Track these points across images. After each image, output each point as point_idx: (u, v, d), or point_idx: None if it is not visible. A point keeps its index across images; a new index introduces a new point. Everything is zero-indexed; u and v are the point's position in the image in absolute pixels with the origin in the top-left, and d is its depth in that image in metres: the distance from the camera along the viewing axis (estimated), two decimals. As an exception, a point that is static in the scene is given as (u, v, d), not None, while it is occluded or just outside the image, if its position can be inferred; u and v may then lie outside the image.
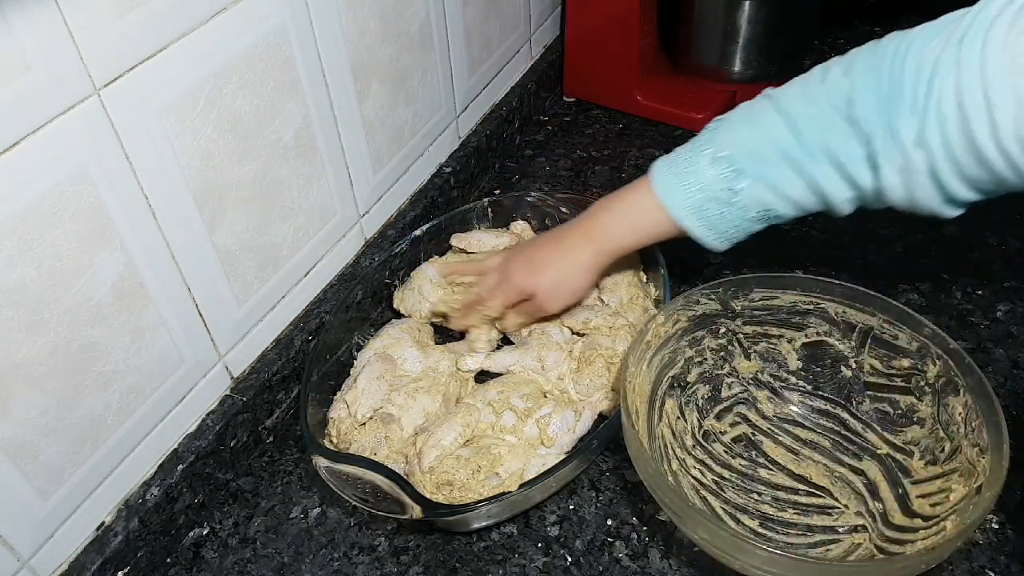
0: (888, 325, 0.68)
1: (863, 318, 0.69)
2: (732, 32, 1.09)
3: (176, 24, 0.57)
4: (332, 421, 0.72)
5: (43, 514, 0.58)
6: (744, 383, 0.74)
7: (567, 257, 0.73)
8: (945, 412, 0.64)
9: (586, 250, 0.72)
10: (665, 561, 0.65)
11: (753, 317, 0.72)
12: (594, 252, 0.72)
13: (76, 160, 0.53)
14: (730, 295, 0.71)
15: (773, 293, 0.71)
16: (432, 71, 0.91)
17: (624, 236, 0.71)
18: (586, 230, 0.72)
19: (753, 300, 0.71)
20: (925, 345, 0.65)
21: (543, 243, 0.76)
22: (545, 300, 0.75)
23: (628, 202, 0.70)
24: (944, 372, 0.64)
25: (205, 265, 0.66)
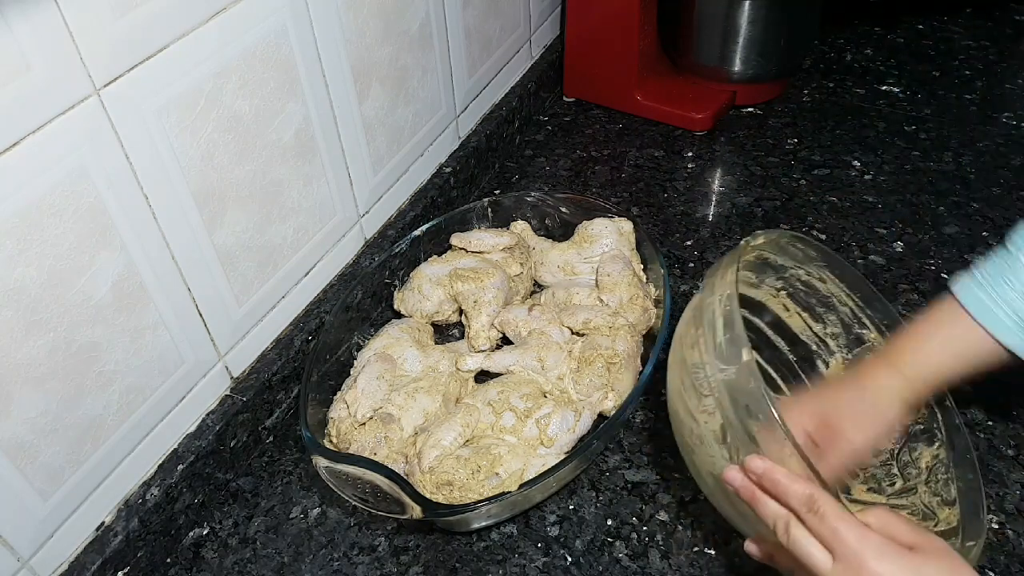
0: None
1: (874, 337, 0.68)
2: (732, 32, 1.09)
3: (176, 24, 0.57)
4: (332, 421, 0.72)
5: (43, 514, 0.58)
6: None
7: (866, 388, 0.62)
8: (908, 455, 0.65)
9: (892, 380, 0.61)
10: (665, 561, 0.65)
11: (793, 286, 0.71)
12: (902, 386, 0.61)
13: (76, 160, 0.53)
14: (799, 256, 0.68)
15: (825, 276, 0.69)
16: (432, 71, 0.91)
17: (941, 369, 0.60)
18: (887, 363, 0.62)
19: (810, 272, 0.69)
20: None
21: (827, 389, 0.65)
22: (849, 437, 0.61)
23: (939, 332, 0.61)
24: (926, 421, 0.64)
25: (205, 265, 0.66)
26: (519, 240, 0.88)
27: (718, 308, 0.54)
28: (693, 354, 0.56)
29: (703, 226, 0.97)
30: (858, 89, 1.19)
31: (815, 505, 0.47)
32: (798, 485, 0.48)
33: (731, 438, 0.52)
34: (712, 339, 0.54)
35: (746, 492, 0.51)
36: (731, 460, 0.53)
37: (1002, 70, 1.22)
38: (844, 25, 1.32)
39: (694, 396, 0.55)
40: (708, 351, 0.54)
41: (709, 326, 0.54)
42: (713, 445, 0.54)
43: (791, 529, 0.48)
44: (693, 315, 0.58)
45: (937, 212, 0.96)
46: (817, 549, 0.47)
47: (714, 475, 0.55)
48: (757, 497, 0.51)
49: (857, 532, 0.46)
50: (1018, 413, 0.73)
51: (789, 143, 1.09)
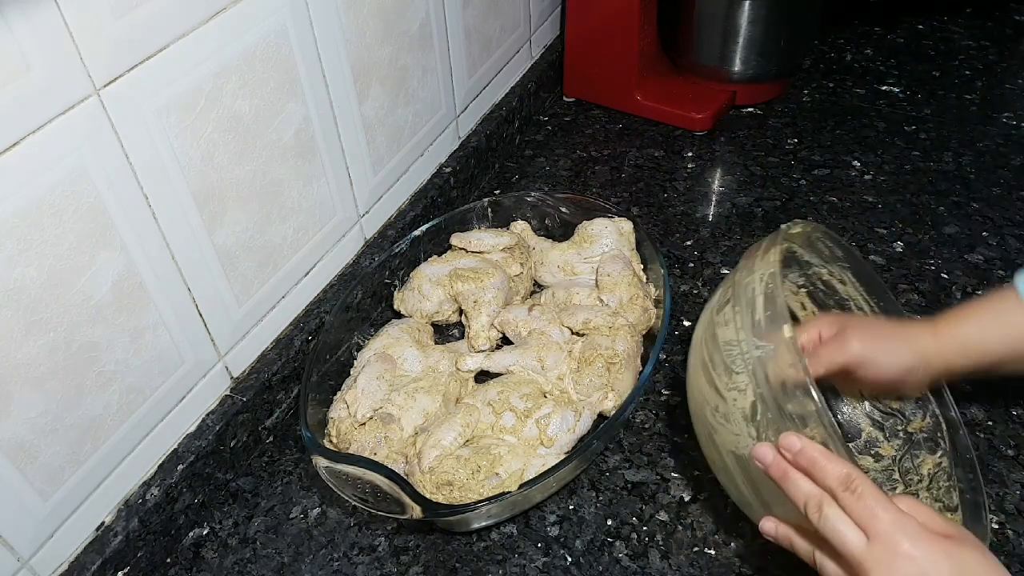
0: None
1: None
2: (732, 32, 1.09)
3: (176, 24, 0.57)
4: (332, 421, 0.72)
5: (43, 514, 0.58)
6: None
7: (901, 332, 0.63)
8: (910, 461, 0.65)
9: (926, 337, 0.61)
10: (665, 561, 0.65)
11: (814, 284, 0.71)
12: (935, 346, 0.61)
13: (76, 160, 0.53)
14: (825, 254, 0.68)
15: (846, 278, 0.69)
16: (432, 71, 0.91)
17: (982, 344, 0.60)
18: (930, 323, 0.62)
19: (832, 272, 0.69)
20: (926, 398, 0.65)
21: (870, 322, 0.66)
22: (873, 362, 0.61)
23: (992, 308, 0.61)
24: (931, 430, 0.65)
25: (205, 265, 0.66)
26: (519, 240, 0.88)
27: (758, 286, 0.54)
28: (727, 332, 0.56)
29: (703, 226, 0.97)
30: (858, 89, 1.19)
31: (853, 484, 0.47)
32: (836, 464, 0.48)
33: (761, 415, 0.52)
34: (750, 316, 0.54)
35: (777, 470, 0.50)
36: (757, 438, 0.52)
37: (1002, 70, 1.22)
38: (844, 25, 1.32)
39: (724, 374, 0.55)
40: (744, 328, 0.54)
41: (747, 304, 0.55)
42: (740, 423, 0.53)
43: (824, 508, 0.47)
44: (727, 294, 0.58)
45: (937, 212, 0.96)
46: (850, 529, 0.46)
47: (736, 454, 0.54)
48: (789, 475, 0.50)
49: (894, 514, 0.46)
50: (1018, 413, 0.73)
51: (789, 143, 1.09)
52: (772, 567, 0.64)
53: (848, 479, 0.47)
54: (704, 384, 0.57)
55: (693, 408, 0.61)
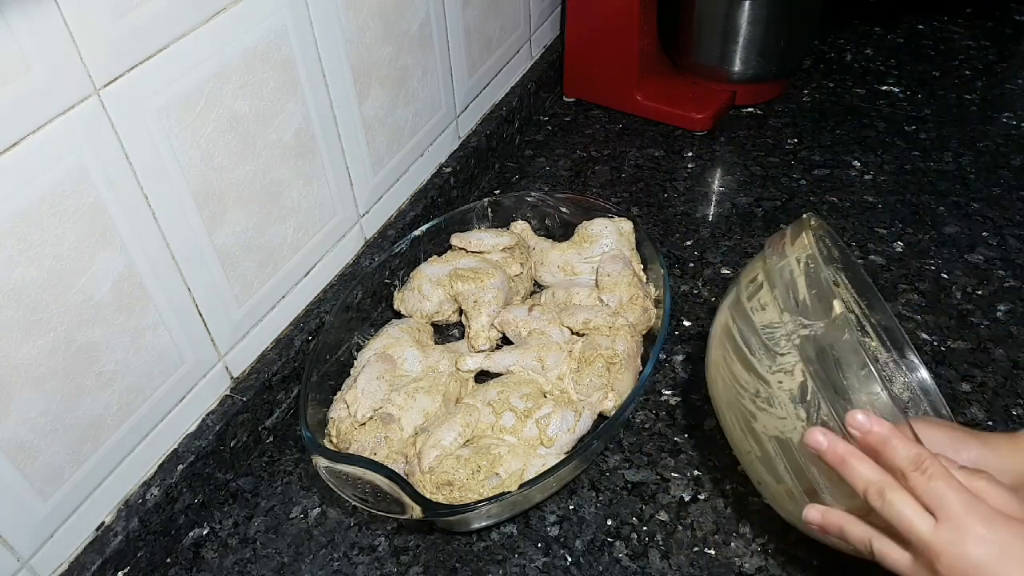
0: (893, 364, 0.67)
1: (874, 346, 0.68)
2: (732, 32, 1.09)
3: (176, 24, 0.57)
4: (332, 421, 0.72)
5: (43, 514, 0.58)
6: None
7: None
8: None
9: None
10: (665, 561, 0.65)
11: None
12: None
13: (76, 160, 0.53)
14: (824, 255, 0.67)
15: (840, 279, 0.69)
16: (432, 71, 0.91)
17: None
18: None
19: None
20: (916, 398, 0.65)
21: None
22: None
23: None
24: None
25: (205, 265, 0.66)
26: (519, 240, 0.88)
27: (796, 268, 0.55)
28: (764, 315, 0.56)
29: (703, 226, 0.97)
30: (858, 89, 1.19)
31: (924, 465, 0.45)
32: (907, 443, 0.45)
33: (812, 395, 0.51)
34: (792, 297, 0.54)
35: (834, 456, 0.48)
36: (808, 420, 0.51)
37: (1002, 70, 1.22)
38: (844, 25, 1.32)
39: (766, 357, 0.55)
40: (788, 309, 0.54)
41: (787, 286, 0.55)
42: (787, 405, 0.53)
43: (887, 494, 0.45)
44: (758, 280, 0.58)
45: (937, 212, 0.96)
46: (918, 513, 0.44)
47: (780, 439, 0.54)
48: (847, 460, 0.47)
49: (966, 496, 0.44)
50: (1018, 413, 0.73)
51: (789, 143, 1.09)
52: (772, 567, 0.64)
53: (919, 459, 0.45)
54: (739, 371, 0.57)
55: (723, 400, 0.60)
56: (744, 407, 0.57)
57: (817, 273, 0.54)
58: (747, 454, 0.59)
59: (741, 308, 0.59)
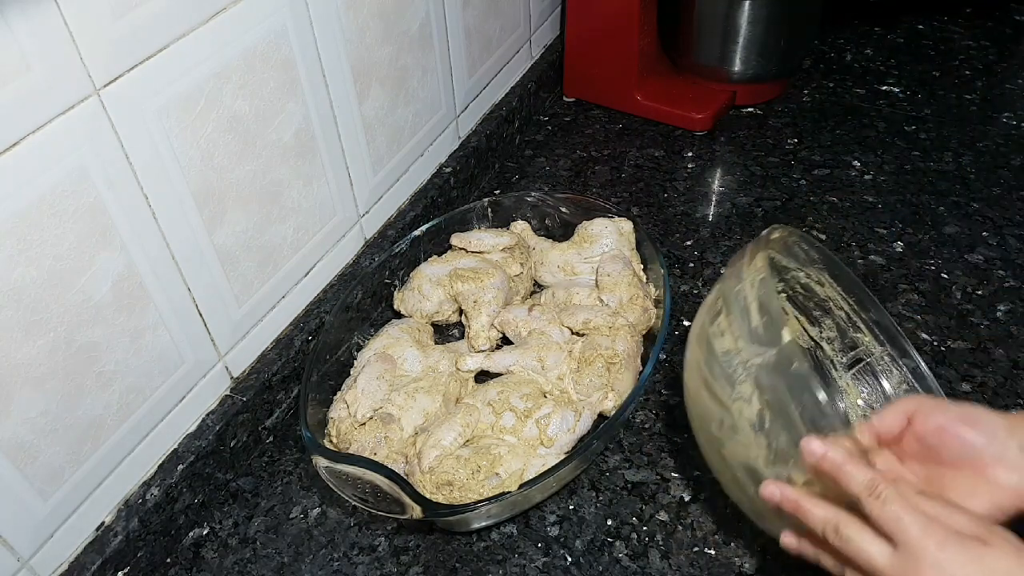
0: (888, 359, 0.67)
1: (868, 341, 0.68)
2: (732, 32, 1.09)
3: (176, 24, 0.57)
4: (332, 421, 0.72)
5: (43, 514, 0.58)
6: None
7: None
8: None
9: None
10: (665, 561, 0.65)
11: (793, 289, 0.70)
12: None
13: (76, 160, 0.53)
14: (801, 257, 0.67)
15: (823, 279, 0.69)
16: (432, 71, 0.91)
17: None
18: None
19: (809, 275, 0.69)
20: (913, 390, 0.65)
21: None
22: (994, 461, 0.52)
23: None
24: None
25: (205, 265, 0.66)
26: (519, 240, 0.88)
27: (750, 293, 0.54)
28: (723, 342, 0.55)
29: (703, 226, 0.97)
30: (858, 89, 1.19)
31: (877, 490, 0.45)
32: (860, 469, 0.46)
33: (770, 423, 0.51)
34: (746, 324, 0.53)
35: (789, 504, 0.49)
36: (767, 447, 0.51)
37: (1002, 70, 1.22)
38: (844, 25, 1.32)
39: (726, 385, 0.54)
40: (742, 336, 0.53)
41: (741, 312, 0.54)
42: (748, 434, 0.53)
43: (842, 530, 0.46)
44: (717, 305, 0.57)
45: (937, 212, 0.96)
46: (872, 543, 0.45)
47: (747, 467, 0.54)
48: (801, 508, 0.48)
49: (921, 520, 0.44)
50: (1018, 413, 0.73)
51: (789, 143, 1.09)
52: (772, 567, 0.64)
53: (873, 484, 0.45)
54: (706, 398, 0.57)
55: (697, 424, 0.60)
56: (714, 434, 0.57)
57: (767, 298, 0.52)
58: (723, 478, 0.59)
59: (704, 334, 0.59)
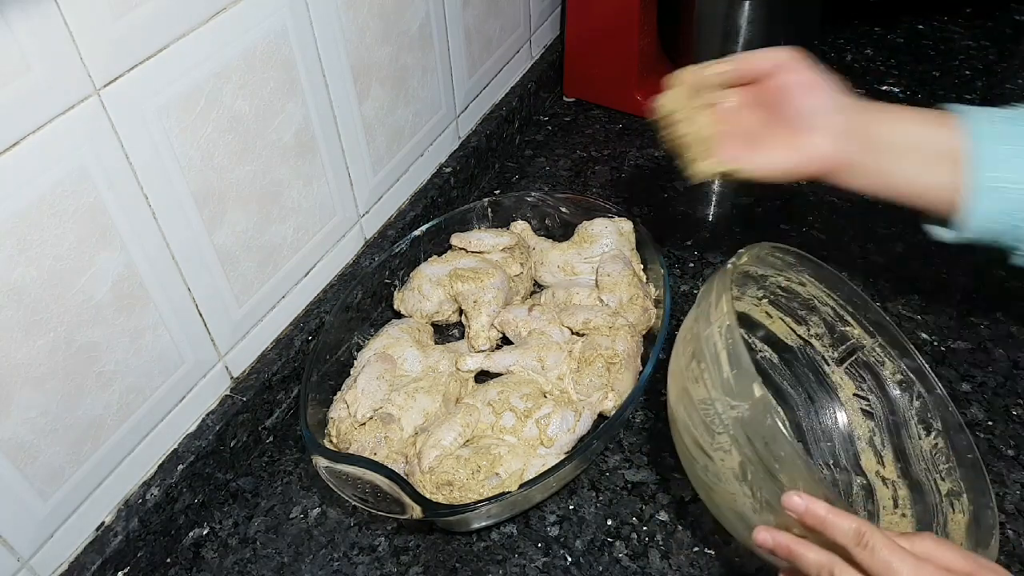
0: (879, 350, 0.67)
1: (858, 333, 0.68)
2: (732, 32, 1.09)
3: (176, 24, 0.57)
4: (332, 421, 0.72)
5: (43, 514, 0.58)
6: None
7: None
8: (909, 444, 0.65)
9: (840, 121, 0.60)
10: (665, 561, 0.65)
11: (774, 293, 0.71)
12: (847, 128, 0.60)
13: (76, 160, 0.53)
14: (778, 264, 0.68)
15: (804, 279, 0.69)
16: (432, 71, 0.91)
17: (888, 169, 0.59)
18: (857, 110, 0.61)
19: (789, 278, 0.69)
20: (909, 380, 0.65)
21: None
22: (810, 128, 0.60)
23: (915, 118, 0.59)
24: (920, 411, 0.65)
25: (205, 265, 0.66)
26: (519, 240, 0.88)
27: (719, 341, 0.53)
28: (698, 389, 0.54)
29: (703, 226, 0.97)
30: (858, 89, 1.17)
31: (864, 539, 0.45)
32: (844, 519, 0.46)
33: (751, 475, 0.51)
34: (718, 374, 0.52)
35: (782, 551, 0.49)
36: (752, 497, 0.51)
37: (1002, 70, 1.21)
38: (844, 25, 1.32)
39: (706, 433, 0.54)
40: (715, 387, 0.53)
41: (712, 360, 0.53)
42: (733, 483, 0.52)
43: (836, 573, 0.46)
44: (691, 347, 0.56)
45: (937, 212, 0.96)
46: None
47: (736, 511, 0.53)
48: (794, 552, 0.48)
49: (911, 564, 0.44)
50: (1018, 413, 0.73)
51: (789, 143, 1.09)
52: (772, 567, 0.64)
53: (859, 534, 0.45)
54: (690, 443, 0.56)
55: (684, 464, 0.59)
56: (700, 477, 0.56)
57: (735, 348, 0.51)
58: (715, 513, 0.58)
59: (680, 376, 0.58)
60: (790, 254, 0.66)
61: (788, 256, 0.67)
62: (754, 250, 0.62)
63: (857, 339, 0.69)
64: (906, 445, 0.65)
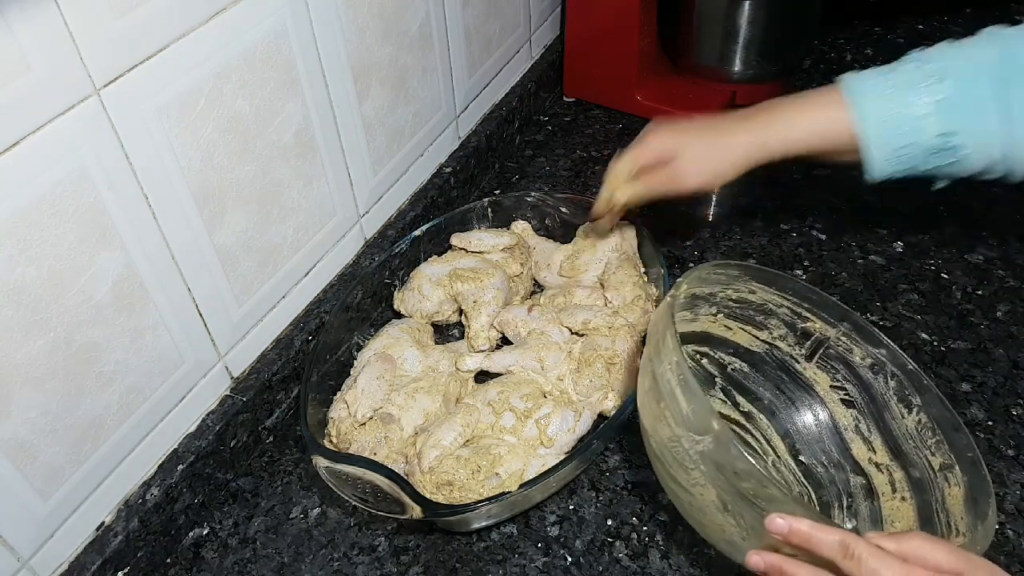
0: (844, 338, 0.67)
1: (819, 327, 0.68)
2: (732, 32, 1.09)
3: (176, 24, 0.57)
4: (332, 421, 0.72)
5: (43, 514, 0.58)
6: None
7: (720, 136, 0.69)
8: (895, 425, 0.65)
9: (742, 135, 0.68)
10: (665, 561, 0.65)
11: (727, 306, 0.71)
12: (751, 142, 0.68)
13: (76, 160, 0.53)
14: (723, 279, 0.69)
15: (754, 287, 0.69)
16: (432, 71, 0.91)
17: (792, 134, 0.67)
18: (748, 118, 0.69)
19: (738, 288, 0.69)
20: (880, 363, 0.65)
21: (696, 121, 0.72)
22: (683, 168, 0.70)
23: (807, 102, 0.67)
24: (898, 389, 0.64)
25: (205, 265, 0.66)
26: (519, 240, 0.88)
27: (673, 378, 0.53)
28: (664, 428, 0.55)
29: (703, 226, 0.97)
30: (858, 89, 1.18)
31: (850, 551, 0.46)
32: (828, 534, 0.46)
33: (731, 506, 0.51)
34: (678, 411, 0.53)
35: (775, 572, 0.49)
36: (738, 525, 0.51)
37: (1002, 70, 1.21)
38: (844, 25, 1.32)
39: (681, 470, 0.54)
40: (679, 424, 0.53)
41: (671, 398, 0.53)
42: (717, 515, 0.52)
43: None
44: (652, 386, 0.56)
45: (937, 212, 0.96)
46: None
47: (727, 541, 0.54)
48: (786, 572, 0.49)
49: (897, 569, 0.44)
50: (1018, 413, 0.73)
51: (789, 143, 1.09)
52: (772, 567, 0.64)
53: (844, 546, 0.46)
54: (670, 481, 0.56)
55: (672, 500, 0.59)
56: (688, 512, 0.57)
57: (686, 382, 0.52)
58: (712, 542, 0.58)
59: (648, 414, 0.58)
60: (731, 267, 0.67)
61: (730, 269, 0.67)
62: (693, 274, 0.63)
63: (820, 332, 0.68)
64: (891, 427, 0.65)
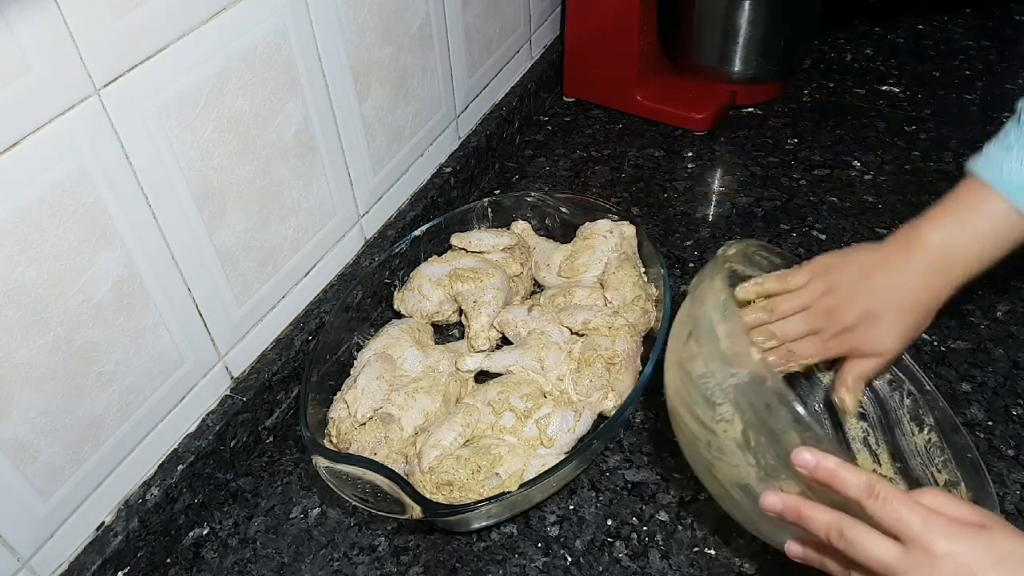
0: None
1: None
2: (732, 32, 1.09)
3: (176, 24, 0.57)
4: (332, 421, 0.72)
5: (43, 514, 0.58)
6: None
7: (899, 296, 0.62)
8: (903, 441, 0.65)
9: (922, 293, 0.61)
10: (665, 561, 0.65)
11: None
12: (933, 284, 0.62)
13: (76, 160, 0.53)
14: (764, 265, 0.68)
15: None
16: (432, 71, 0.91)
17: (968, 256, 0.61)
18: (905, 266, 0.61)
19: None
20: (898, 379, 0.66)
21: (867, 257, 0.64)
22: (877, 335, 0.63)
23: (960, 218, 0.60)
24: (912, 408, 0.65)
25: (205, 265, 0.66)
26: (519, 240, 0.88)
27: (714, 315, 0.54)
28: (697, 366, 0.55)
29: (703, 226, 0.97)
30: (858, 89, 1.19)
31: (875, 490, 0.45)
32: (855, 473, 0.46)
33: (754, 441, 0.51)
34: (716, 347, 0.54)
35: (791, 513, 0.49)
36: (756, 465, 0.52)
37: (1002, 70, 1.21)
38: (844, 25, 1.32)
39: (706, 407, 0.54)
40: (713, 359, 0.54)
41: (708, 335, 0.54)
42: (736, 453, 0.53)
43: (846, 532, 0.46)
44: (687, 328, 0.57)
45: (937, 212, 0.96)
46: (879, 543, 0.45)
47: (740, 485, 0.54)
48: (804, 515, 0.48)
49: (923, 514, 0.44)
50: (1018, 413, 0.73)
51: (789, 143, 1.09)
52: (772, 567, 0.64)
53: (870, 485, 0.45)
54: (690, 421, 0.57)
55: (686, 448, 0.60)
56: (703, 455, 0.57)
57: (731, 319, 0.53)
58: (717, 494, 0.59)
59: (677, 359, 0.59)
60: (775, 254, 0.67)
61: (774, 256, 0.67)
62: (742, 246, 0.63)
63: None
64: (900, 443, 0.65)
